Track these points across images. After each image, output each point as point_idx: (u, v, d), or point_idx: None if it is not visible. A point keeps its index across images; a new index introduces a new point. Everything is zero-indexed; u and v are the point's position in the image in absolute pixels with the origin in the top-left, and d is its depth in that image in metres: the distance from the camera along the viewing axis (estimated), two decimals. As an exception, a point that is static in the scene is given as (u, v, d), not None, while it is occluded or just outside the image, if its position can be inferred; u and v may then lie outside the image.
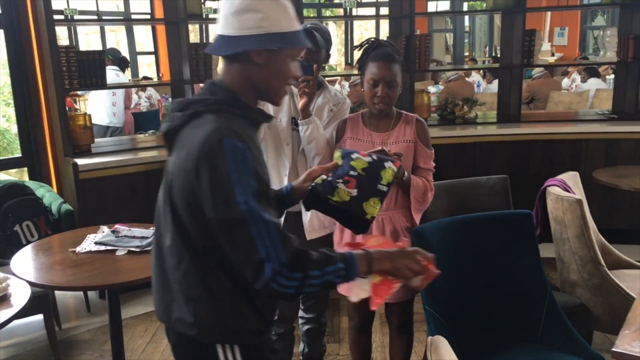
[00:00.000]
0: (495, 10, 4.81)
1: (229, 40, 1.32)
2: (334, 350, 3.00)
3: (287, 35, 1.33)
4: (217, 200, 1.21)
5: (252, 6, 1.30)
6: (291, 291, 1.22)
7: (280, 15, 1.32)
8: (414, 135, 2.18)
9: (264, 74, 1.35)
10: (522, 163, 4.21)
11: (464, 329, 2.09)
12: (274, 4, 1.32)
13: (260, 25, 1.30)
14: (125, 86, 5.80)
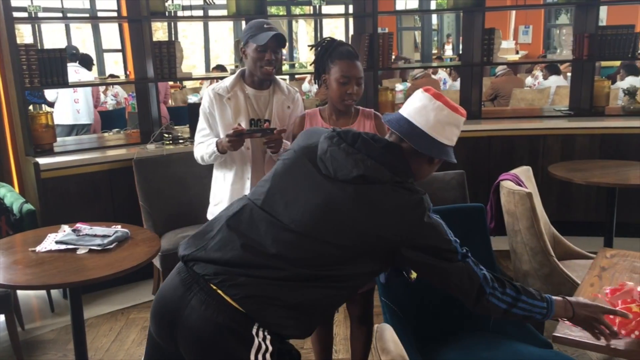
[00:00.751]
0: (457, 9, 4.91)
1: (433, 143, 1.51)
2: (298, 344, 3.04)
3: (452, 149, 1.58)
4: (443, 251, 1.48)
5: (459, 123, 1.56)
6: (503, 306, 1.50)
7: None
8: (374, 129, 2.26)
9: (427, 171, 1.60)
10: (483, 158, 4.33)
11: (418, 319, 2.17)
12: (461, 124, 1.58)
13: (453, 140, 1.56)
14: (86, 84, 5.74)
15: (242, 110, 2.37)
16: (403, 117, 1.54)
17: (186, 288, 1.42)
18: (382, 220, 1.41)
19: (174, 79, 4.20)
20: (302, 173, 1.50)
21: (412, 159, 1.52)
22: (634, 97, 4.51)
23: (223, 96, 2.38)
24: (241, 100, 2.38)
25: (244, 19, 4.41)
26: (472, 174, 3.78)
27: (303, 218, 1.42)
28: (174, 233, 3.42)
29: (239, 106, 2.37)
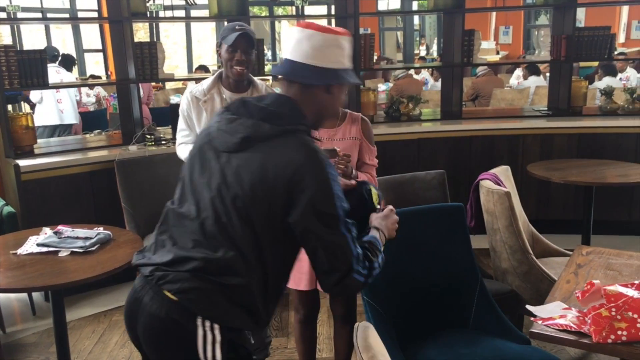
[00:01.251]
0: (437, 11, 4.97)
1: (315, 71, 1.45)
2: (282, 344, 3.07)
3: (350, 72, 1.53)
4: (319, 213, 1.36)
5: (339, 43, 1.48)
6: (362, 279, 1.42)
7: (350, 53, 1.52)
8: (360, 133, 2.29)
9: (331, 103, 1.53)
10: (464, 158, 4.38)
11: (400, 317, 2.20)
12: (349, 43, 1.51)
13: (341, 61, 1.48)
14: (67, 86, 5.70)
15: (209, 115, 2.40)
16: (284, 59, 1.52)
17: (139, 290, 1.48)
18: (272, 173, 1.38)
19: (156, 80, 4.19)
20: (201, 160, 1.49)
21: (307, 97, 1.47)
22: (610, 97, 4.60)
23: (200, 99, 2.40)
24: (217, 103, 2.41)
25: (226, 20, 4.41)
26: (453, 174, 3.83)
27: (210, 204, 1.42)
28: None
29: (215, 109, 2.40)
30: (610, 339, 1.64)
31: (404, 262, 2.26)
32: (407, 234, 2.28)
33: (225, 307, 1.40)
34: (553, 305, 1.88)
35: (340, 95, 1.54)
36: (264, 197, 1.38)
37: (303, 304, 2.42)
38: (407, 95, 5.10)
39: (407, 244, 2.28)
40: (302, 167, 1.36)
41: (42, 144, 4.07)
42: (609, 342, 1.63)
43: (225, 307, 1.40)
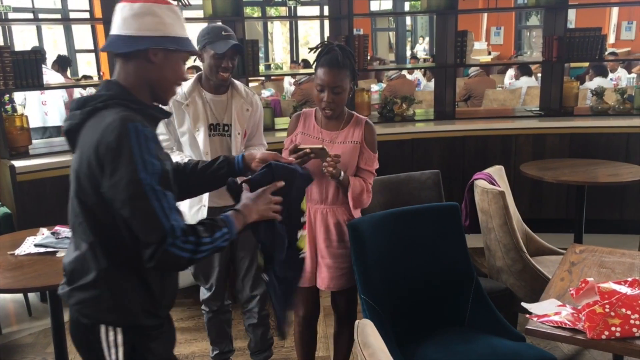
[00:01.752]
0: (430, 12, 5.00)
1: (128, 40, 1.42)
2: (278, 343, 3.09)
3: (181, 39, 1.47)
4: (122, 179, 1.30)
5: (151, 10, 1.42)
6: (186, 255, 1.34)
7: (175, 22, 1.46)
8: (361, 137, 2.26)
9: (158, 73, 1.47)
10: (457, 158, 4.42)
11: (397, 315, 2.23)
12: (170, 12, 1.45)
13: (158, 28, 1.43)
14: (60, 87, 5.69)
15: (200, 116, 2.40)
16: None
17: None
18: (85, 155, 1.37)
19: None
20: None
21: (131, 71, 1.44)
22: (601, 98, 4.66)
23: (182, 103, 2.39)
24: (199, 105, 2.40)
25: (221, 21, 4.43)
26: (447, 174, 3.86)
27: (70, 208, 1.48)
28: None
29: (197, 112, 2.40)
30: (604, 335, 1.67)
31: (400, 261, 2.29)
32: (403, 233, 2.32)
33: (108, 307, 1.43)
34: (548, 302, 1.92)
35: (169, 63, 1.47)
36: (88, 183, 1.38)
37: (302, 303, 2.43)
38: (400, 95, 5.14)
39: (403, 243, 2.31)
40: (104, 138, 1.33)
41: (37, 145, 4.06)
42: (603, 338, 1.67)
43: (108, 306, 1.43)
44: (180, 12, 1.49)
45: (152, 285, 1.47)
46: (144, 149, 1.32)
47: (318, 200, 2.28)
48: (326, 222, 2.28)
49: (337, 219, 2.28)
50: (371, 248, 2.23)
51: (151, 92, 1.50)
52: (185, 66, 1.53)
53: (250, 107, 2.48)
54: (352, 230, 2.22)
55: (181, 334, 3.20)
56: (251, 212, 1.53)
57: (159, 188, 1.32)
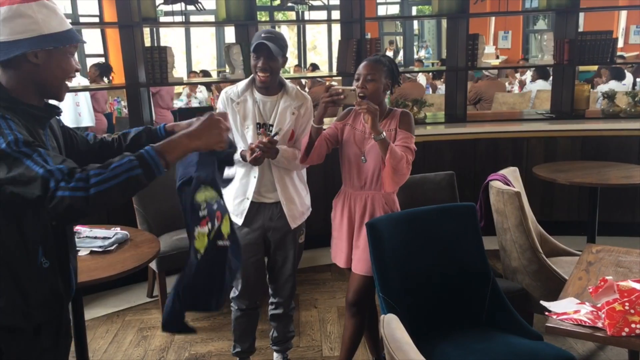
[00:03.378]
0: (441, 16, 5.04)
1: (2, 46, 1.38)
2: (294, 342, 3.11)
3: (59, 35, 1.42)
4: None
5: (20, 12, 1.37)
6: (79, 194, 1.24)
7: (50, 18, 1.41)
8: (397, 124, 2.42)
9: (43, 73, 1.43)
10: (469, 160, 4.44)
11: (415, 313, 2.24)
12: (42, 8, 1.40)
13: (32, 29, 1.38)
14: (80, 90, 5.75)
15: (249, 115, 2.49)
16: None
17: None
18: None
19: (166, 84, 4.24)
20: None
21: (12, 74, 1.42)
22: (612, 101, 4.67)
23: (234, 100, 2.52)
24: (249, 105, 2.50)
25: (234, 25, 4.47)
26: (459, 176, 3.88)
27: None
28: (169, 235, 3.46)
29: (246, 111, 2.50)
30: (624, 332, 1.69)
31: (418, 260, 2.31)
32: (420, 232, 2.35)
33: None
34: (566, 301, 1.93)
35: (53, 61, 1.42)
36: None
37: (350, 284, 2.50)
38: (411, 98, 5.16)
39: (420, 243, 2.34)
40: None
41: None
42: (624, 335, 1.68)
43: None
44: (54, 4, 1.43)
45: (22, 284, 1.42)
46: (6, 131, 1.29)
47: (357, 186, 2.45)
48: (364, 207, 2.43)
49: (374, 205, 2.42)
50: (389, 247, 2.25)
51: (40, 92, 1.46)
52: (73, 57, 1.47)
53: (297, 110, 2.52)
54: (370, 230, 2.25)
55: (197, 334, 3.23)
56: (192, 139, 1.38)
57: (26, 149, 1.28)
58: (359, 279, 2.45)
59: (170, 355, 3.03)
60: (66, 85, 1.50)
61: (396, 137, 2.39)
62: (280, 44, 2.40)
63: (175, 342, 3.15)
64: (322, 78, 8.30)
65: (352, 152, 2.44)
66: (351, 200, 2.49)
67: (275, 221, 2.55)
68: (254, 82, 2.51)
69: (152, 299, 3.62)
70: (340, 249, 2.54)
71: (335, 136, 2.50)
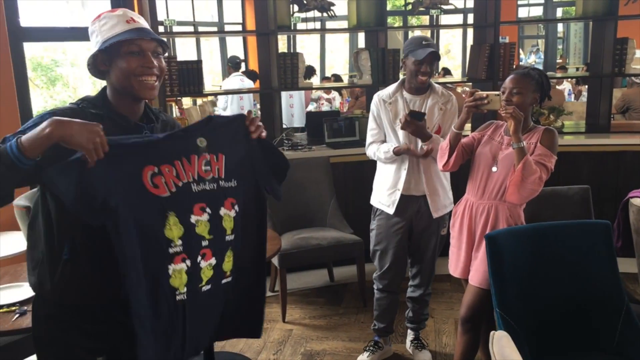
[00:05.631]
0: (586, 18, 4.69)
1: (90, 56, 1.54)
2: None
3: (113, 38, 1.50)
4: None
5: (90, 30, 1.55)
6: None
7: (107, 25, 1.52)
8: (538, 139, 2.35)
9: (113, 77, 1.53)
10: (610, 174, 4.09)
11: (535, 334, 2.13)
12: (105, 19, 1.53)
13: (96, 40, 1.53)
14: (225, 93, 6.22)
15: (400, 113, 2.72)
16: None
17: None
18: None
19: (296, 88, 4.41)
20: None
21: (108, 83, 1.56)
22: None
23: (386, 101, 2.79)
24: (400, 104, 2.76)
25: (364, 31, 4.54)
26: (598, 191, 3.59)
27: None
28: (291, 234, 3.60)
29: (397, 109, 2.76)
30: None
31: (541, 278, 2.19)
32: (546, 249, 2.22)
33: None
34: None
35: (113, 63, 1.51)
36: None
37: (464, 298, 2.44)
38: (547, 106, 4.87)
39: (545, 260, 2.21)
40: None
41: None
42: None
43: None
44: (111, 14, 1.54)
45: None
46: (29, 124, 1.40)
47: (482, 195, 2.41)
48: (486, 217, 2.38)
49: (498, 216, 2.36)
50: (509, 262, 2.16)
51: (126, 95, 1.54)
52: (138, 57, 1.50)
53: (444, 106, 2.74)
54: (489, 242, 2.17)
55: (313, 332, 3.34)
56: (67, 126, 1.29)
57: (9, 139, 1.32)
58: (474, 291, 2.37)
59: (287, 349, 3.16)
60: (143, 84, 1.51)
61: (534, 152, 2.30)
62: (439, 53, 2.66)
63: (292, 337, 3.27)
64: (453, 84, 8.14)
65: (484, 161, 2.42)
66: (473, 209, 2.44)
67: (421, 212, 2.77)
68: (403, 85, 2.78)
69: (274, 294, 3.79)
70: (458, 259, 2.51)
71: (471, 146, 2.50)
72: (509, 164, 2.30)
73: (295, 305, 3.66)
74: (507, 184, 2.30)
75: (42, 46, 7.28)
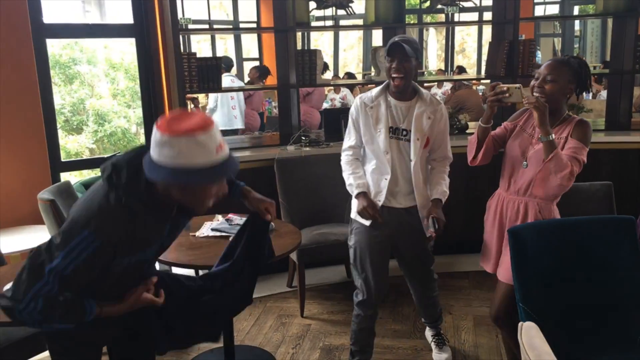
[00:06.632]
0: (606, 15, 4.65)
1: (152, 164, 1.45)
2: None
3: (199, 171, 1.42)
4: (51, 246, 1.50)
5: (170, 142, 1.41)
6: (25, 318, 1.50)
7: (195, 152, 1.41)
8: (569, 132, 2.29)
9: (180, 195, 1.50)
10: (631, 171, 4.05)
11: (558, 328, 2.11)
12: (190, 143, 1.40)
13: (174, 161, 1.41)
14: (233, 90, 6.23)
15: (382, 119, 2.51)
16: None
17: None
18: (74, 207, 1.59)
19: (314, 85, 4.42)
20: None
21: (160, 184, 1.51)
22: None
23: (367, 105, 2.54)
24: (382, 109, 2.52)
25: (382, 28, 4.54)
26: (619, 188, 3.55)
27: None
28: (310, 230, 3.62)
29: (379, 115, 2.52)
30: None
31: (564, 273, 2.18)
32: (569, 244, 2.21)
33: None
34: None
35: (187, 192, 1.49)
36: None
37: (494, 294, 2.44)
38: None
39: (568, 255, 2.20)
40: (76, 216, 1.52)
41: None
42: None
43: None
44: (209, 138, 1.42)
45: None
46: (76, 253, 1.47)
47: (513, 190, 2.37)
48: (516, 213, 2.35)
49: (527, 212, 2.33)
50: (533, 256, 2.15)
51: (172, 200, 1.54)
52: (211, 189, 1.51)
53: (433, 115, 2.51)
54: (512, 237, 2.16)
55: (332, 326, 3.35)
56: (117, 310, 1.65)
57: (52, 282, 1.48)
58: (503, 288, 2.36)
59: (305, 343, 3.17)
60: (204, 206, 1.55)
61: (565, 146, 2.25)
62: (413, 47, 2.40)
63: (310, 332, 3.29)
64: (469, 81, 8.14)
65: (514, 155, 2.37)
66: (504, 204, 2.42)
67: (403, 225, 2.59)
68: (388, 88, 2.54)
69: (291, 289, 3.81)
70: (489, 253, 2.48)
71: (504, 137, 2.44)
72: (540, 159, 2.26)
73: (313, 300, 3.67)
74: (535, 179, 2.28)
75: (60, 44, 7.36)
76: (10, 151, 3.62)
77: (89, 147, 7.25)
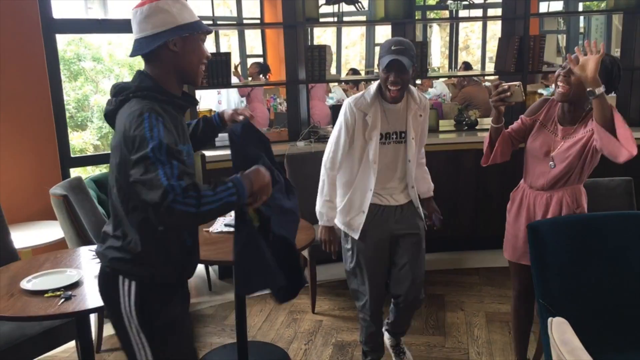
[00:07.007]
0: (616, 11, 4.63)
1: (147, 41, 1.61)
2: (439, 342, 3.09)
3: (191, 24, 1.63)
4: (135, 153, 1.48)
5: (160, 8, 1.60)
6: (191, 209, 1.42)
7: (182, 10, 1.62)
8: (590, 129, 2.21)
9: (182, 59, 1.63)
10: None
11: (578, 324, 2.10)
12: (174, 2, 1.61)
13: (170, 21, 1.60)
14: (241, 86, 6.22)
15: (377, 125, 2.44)
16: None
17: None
18: (116, 142, 1.60)
19: (323, 81, 4.41)
20: None
21: (155, 64, 1.64)
22: None
23: (364, 113, 2.44)
24: (378, 115, 2.44)
25: (391, 23, 4.52)
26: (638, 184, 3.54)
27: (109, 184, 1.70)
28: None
29: (375, 122, 2.44)
30: None
31: (584, 267, 2.17)
32: (588, 240, 2.20)
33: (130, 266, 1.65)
34: None
35: (189, 47, 1.63)
36: (122, 161, 1.55)
37: (517, 278, 2.48)
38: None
39: (588, 251, 2.19)
40: (128, 130, 1.52)
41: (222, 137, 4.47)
42: None
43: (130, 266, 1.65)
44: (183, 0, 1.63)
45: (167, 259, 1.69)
46: (155, 132, 1.49)
47: (539, 187, 2.34)
48: (546, 207, 2.32)
49: (561, 202, 2.30)
50: (552, 252, 2.14)
51: (180, 78, 1.66)
52: (204, 45, 1.66)
53: (423, 112, 2.52)
54: (531, 232, 2.15)
55: (344, 323, 3.34)
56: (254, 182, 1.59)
57: (164, 158, 1.45)
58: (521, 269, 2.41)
59: (317, 339, 3.16)
60: (201, 70, 1.70)
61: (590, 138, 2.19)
62: (410, 55, 2.32)
63: (322, 328, 3.28)
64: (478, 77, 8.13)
65: (539, 153, 2.32)
66: (530, 199, 2.38)
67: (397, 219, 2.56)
68: (380, 92, 2.44)
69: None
70: (515, 245, 2.43)
71: (522, 132, 2.41)
72: (566, 158, 2.24)
73: (324, 296, 3.67)
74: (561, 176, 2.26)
75: (65, 40, 7.34)
76: (21, 147, 3.61)
77: (94, 143, 7.24)
